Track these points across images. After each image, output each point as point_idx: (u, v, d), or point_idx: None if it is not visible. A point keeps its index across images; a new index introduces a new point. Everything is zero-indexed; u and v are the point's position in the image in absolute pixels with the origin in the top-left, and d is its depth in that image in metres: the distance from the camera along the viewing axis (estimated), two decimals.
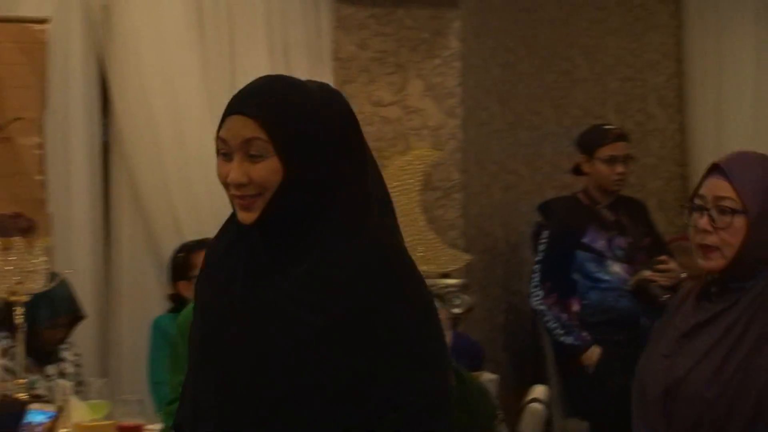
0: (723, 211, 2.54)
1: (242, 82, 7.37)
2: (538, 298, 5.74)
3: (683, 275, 5.47)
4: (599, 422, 5.55)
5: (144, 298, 6.33)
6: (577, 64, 7.94)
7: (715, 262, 2.56)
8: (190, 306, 4.02)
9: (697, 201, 2.61)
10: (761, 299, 2.47)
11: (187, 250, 5.58)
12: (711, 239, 2.57)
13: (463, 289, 6.56)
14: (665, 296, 5.41)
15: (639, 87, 8.12)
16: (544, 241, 5.83)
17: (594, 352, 5.58)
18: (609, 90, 8.02)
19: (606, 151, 5.75)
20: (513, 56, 7.64)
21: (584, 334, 5.59)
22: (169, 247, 5.95)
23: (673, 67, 8.18)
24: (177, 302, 5.46)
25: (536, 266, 5.83)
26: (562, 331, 5.66)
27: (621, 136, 5.87)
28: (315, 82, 2.42)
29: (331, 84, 7.21)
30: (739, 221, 2.53)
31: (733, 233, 2.53)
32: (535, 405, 5.26)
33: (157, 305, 5.97)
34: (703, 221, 2.57)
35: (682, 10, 8.15)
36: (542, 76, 7.78)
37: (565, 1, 7.89)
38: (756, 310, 2.46)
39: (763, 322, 2.44)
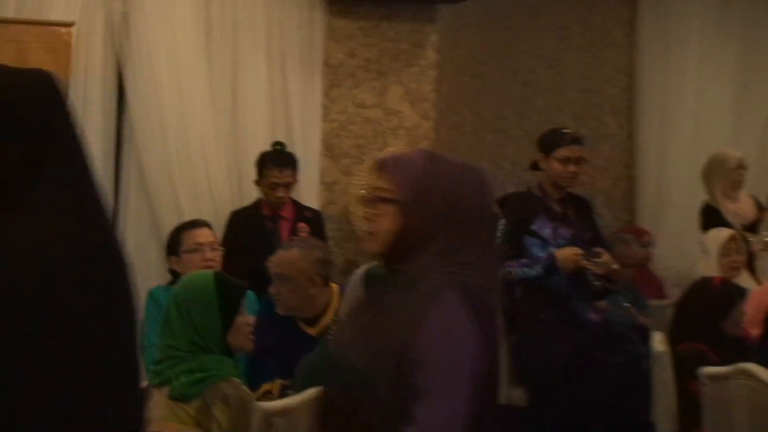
0: (380, 200, 2.61)
1: (243, 83, 7.47)
2: None
3: (615, 266, 5.56)
4: (534, 393, 5.57)
5: (146, 272, 6.39)
6: (540, 76, 8.17)
7: (373, 246, 2.63)
8: (183, 278, 4.15)
9: (367, 194, 2.67)
10: (406, 281, 2.53)
11: (178, 228, 5.58)
12: (369, 227, 2.63)
13: None
14: (597, 283, 5.51)
15: (595, 97, 8.32)
16: (500, 228, 5.84)
17: (564, 251, 5.59)
18: (568, 99, 8.23)
19: (562, 152, 5.76)
20: (483, 67, 7.85)
21: (544, 257, 5.57)
22: (170, 226, 5.87)
23: (626, 81, 8.37)
24: (175, 275, 5.46)
25: None
26: (528, 269, 5.63)
27: (576, 140, 5.90)
28: (35, 69, 2.35)
29: (320, 89, 7.25)
30: (392, 209, 2.58)
31: (387, 221, 2.59)
32: None
33: (158, 279, 5.95)
34: (365, 211, 2.64)
35: (635, 31, 8.36)
36: (508, 86, 8.00)
37: (531, 20, 8.12)
38: (399, 289, 2.52)
39: (401, 302, 2.49)
